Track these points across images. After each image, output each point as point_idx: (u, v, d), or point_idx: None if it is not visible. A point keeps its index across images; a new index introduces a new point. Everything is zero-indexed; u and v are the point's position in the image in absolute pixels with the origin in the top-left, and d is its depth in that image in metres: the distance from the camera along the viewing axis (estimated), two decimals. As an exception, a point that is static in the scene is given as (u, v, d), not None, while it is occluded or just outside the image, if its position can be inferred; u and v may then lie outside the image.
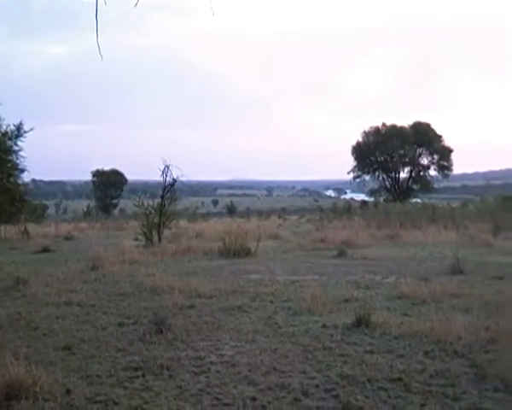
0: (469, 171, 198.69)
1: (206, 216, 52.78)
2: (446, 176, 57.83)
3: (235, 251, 15.89)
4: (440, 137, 56.37)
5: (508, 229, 22.28)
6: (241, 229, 21.29)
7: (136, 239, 20.04)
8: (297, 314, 7.93)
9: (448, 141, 57.11)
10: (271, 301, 8.95)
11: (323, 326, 7.13)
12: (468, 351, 5.85)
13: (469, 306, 8.00)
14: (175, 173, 21.13)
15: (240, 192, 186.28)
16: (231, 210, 62.08)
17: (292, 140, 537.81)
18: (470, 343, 6.02)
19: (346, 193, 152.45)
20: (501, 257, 14.90)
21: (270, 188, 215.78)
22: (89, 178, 64.80)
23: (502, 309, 7.23)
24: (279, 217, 50.64)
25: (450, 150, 56.44)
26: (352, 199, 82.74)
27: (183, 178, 21.21)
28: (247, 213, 55.59)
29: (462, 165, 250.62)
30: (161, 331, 6.81)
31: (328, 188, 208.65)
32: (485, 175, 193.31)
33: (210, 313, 8.14)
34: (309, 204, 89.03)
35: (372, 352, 5.99)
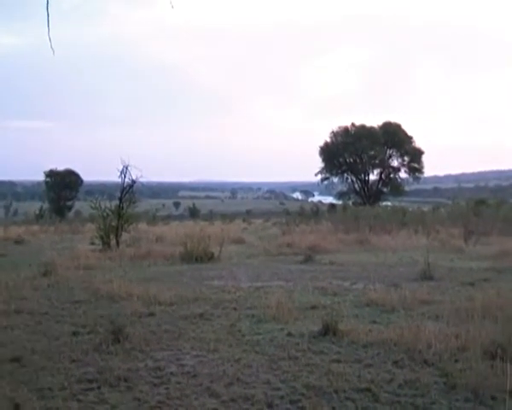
0: (441, 173, 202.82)
1: (168, 219, 52.55)
2: (417, 178, 58.85)
3: (198, 256, 15.85)
4: (411, 138, 57.41)
5: (479, 233, 22.80)
6: (203, 233, 21.22)
7: (93, 243, 19.80)
8: (261, 322, 7.95)
9: (419, 142, 58.34)
10: (235, 309, 8.96)
11: (289, 335, 7.17)
12: (438, 360, 5.96)
13: (440, 313, 8.14)
14: (134, 174, 20.99)
15: (203, 194, 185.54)
16: (194, 213, 61.96)
17: (258, 140, 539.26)
18: (440, 352, 6.13)
19: (313, 196, 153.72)
20: (472, 262, 15.24)
21: (234, 190, 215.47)
22: (42, 178, 63.83)
23: (472, 316, 7.38)
24: (244, 220, 50.66)
25: (421, 152, 57.48)
26: (319, 202, 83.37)
27: (142, 179, 21.12)
28: (211, 216, 55.58)
29: (433, 167, 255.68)
30: (119, 341, 6.74)
31: (295, 190, 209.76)
32: (458, 178, 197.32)
33: (170, 321, 8.11)
34: (275, 207, 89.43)
35: (339, 361, 6.05)
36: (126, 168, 20.81)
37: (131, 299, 9.44)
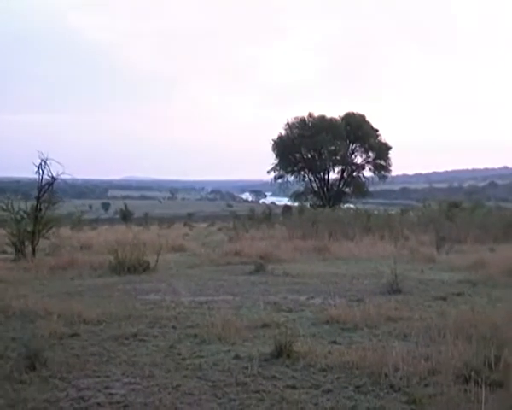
0: (410, 172, 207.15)
1: (95, 223, 51.77)
2: (383, 177, 59.78)
3: (131, 266, 15.71)
4: (377, 131, 58.31)
5: (453, 240, 23.37)
6: (137, 239, 21.04)
7: (4, 252, 19.36)
8: (205, 343, 7.94)
9: (386, 136, 59.08)
10: (174, 328, 8.93)
11: (236, 357, 7.18)
12: (405, 384, 6.06)
13: (408, 331, 8.29)
14: (54, 170, 20.56)
15: (137, 194, 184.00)
16: (126, 216, 61.15)
17: (201, 132, 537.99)
18: (408, 375, 6.24)
19: (265, 196, 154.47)
20: (444, 274, 15.59)
21: (173, 189, 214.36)
22: None
23: (444, 335, 7.55)
24: (185, 225, 50.50)
25: (388, 147, 58.40)
26: (272, 204, 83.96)
27: (64, 176, 20.67)
28: (146, 220, 54.98)
29: (402, 165, 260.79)
30: (34, 367, 6.61)
31: (244, 190, 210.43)
32: (429, 177, 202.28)
33: (97, 342, 8.01)
34: (221, 209, 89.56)
35: (294, 387, 6.09)
36: (45, 163, 20.37)
37: (50, 317, 9.25)
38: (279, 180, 59.93)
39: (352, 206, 52.92)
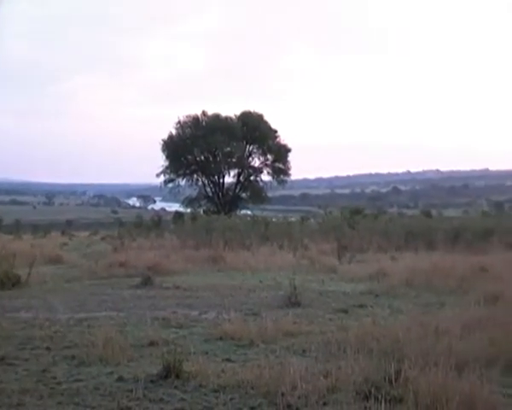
0: (311, 176, 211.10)
1: (-44, 231, 49.72)
2: (283, 182, 60.42)
3: (-2, 280, 15.24)
4: (276, 132, 58.83)
5: (355, 249, 24.05)
6: (6, 249, 20.34)
7: None
8: (84, 365, 7.79)
9: (285, 138, 59.71)
10: (48, 349, 8.72)
11: (120, 379, 7.08)
12: (303, 404, 6.16)
13: (307, 346, 8.48)
14: None
15: (6, 198, 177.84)
16: (-6, 223, 59.15)
17: (82, 130, 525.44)
18: (307, 394, 6.33)
19: (154, 202, 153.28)
20: (346, 284, 16.03)
21: (50, 193, 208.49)
22: None
23: (345, 350, 7.73)
24: (63, 233, 49.53)
25: (287, 150, 59.11)
26: (162, 210, 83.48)
27: None
28: (17, 228, 53.42)
29: (302, 169, 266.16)
30: None
31: (131, 195, 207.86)
32: (331, 182, 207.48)
33: (-43, 368, 7.67)
34: (105, 216, 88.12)
35: (184, 410, 6.07)
36: None
37: None
38: (170, 184, 59.30)
39: (249, 212, 53.28)
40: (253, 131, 57.20)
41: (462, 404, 5.71)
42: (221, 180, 58.49)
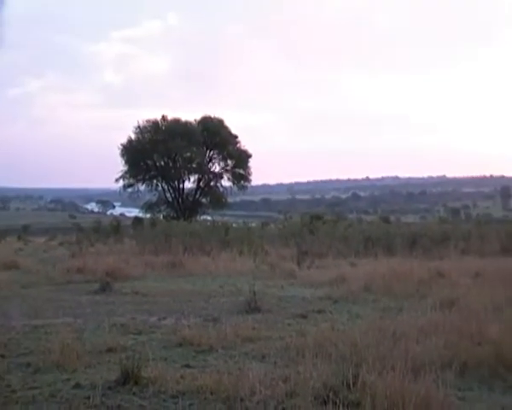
0: (272, 182, 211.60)
1: None
2: (243, 188, 60.50)
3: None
4: (236, 137, 58.93)
5: (314, 255, 24.21)
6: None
7: None
8: (40, 372, 7.71)
9: (246, 143, 59.83)
10: (2, 356, 8.62)
11: (77, 386, 7.02)
12: (262, 409, 6.19)
13: (267, 352, 8.53)
14: None
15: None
16: None
17: (38, 134, 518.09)
18: (266, 399, 6.37)
19: (113, 207, 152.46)
20: (306, 290, 16.12)
21: (5, 198, 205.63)
22: None
23: (304, 355, 7.78)
24: (19, 238, 48.90)
25: (248, 155, 59.23)
26: (122, 215, 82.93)
27: None
28: (-30, 233, 52.60)
29: (263, 175, 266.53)
30: None
31: (89, 200, 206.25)
32: (291, 188, 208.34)
33: None
34: (63, 221, 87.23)
35: (142, 417, 6.05)
36: None
37: None
38: (129, 189, 58.90)
39: (209, 218, 53.16)
40: (213, 137, 57.18)
41: (419, 407, 5.81)
42: (181, 185, 58.34)
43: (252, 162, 59.31)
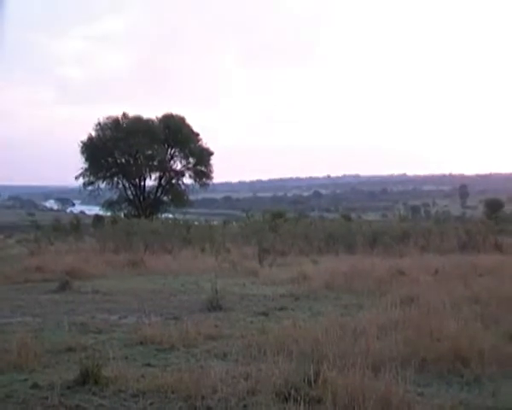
0: (234, 180, 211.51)
1: None
2: (205, 185, 60.36)
3: None
4: (198, 135, 58.72)
5: (276, 253, 24.28)
6: None
7: None
8: (-3, 372, 7.60)
9: (207, 141, 59.72)
10: (-42, 357, 8.46)
11: (34, 386, 6.95)
12: (223, 407, 6.21)
13: (228, 350, 8.54)
14: None
15: None
16: None
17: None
18: (227, 397, 6.40)
19: (73, 205, 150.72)
20: (267, 288, 16.17)
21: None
22: None
23: (265, 352, 7.81)
24: (-24, 237, 48.16)
25: (209, 153, 59.11)
26: (82, 213, 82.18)
27: None
28: None
29: (225, 172, 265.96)
30: None
31: (48, 197, 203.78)
32: (253, 186, 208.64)
33: None
34: (20, 219, 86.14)
35: (102, 416, 6.01)
36: None
37: None
38: (89, 187, 58.25)
39: (170, 216, 52.95)
40: (174, 134, 56.91)
41: (379, 403, 5.88)
42: (142, 183, 57.95)
43: (213, 160, 59.24)
